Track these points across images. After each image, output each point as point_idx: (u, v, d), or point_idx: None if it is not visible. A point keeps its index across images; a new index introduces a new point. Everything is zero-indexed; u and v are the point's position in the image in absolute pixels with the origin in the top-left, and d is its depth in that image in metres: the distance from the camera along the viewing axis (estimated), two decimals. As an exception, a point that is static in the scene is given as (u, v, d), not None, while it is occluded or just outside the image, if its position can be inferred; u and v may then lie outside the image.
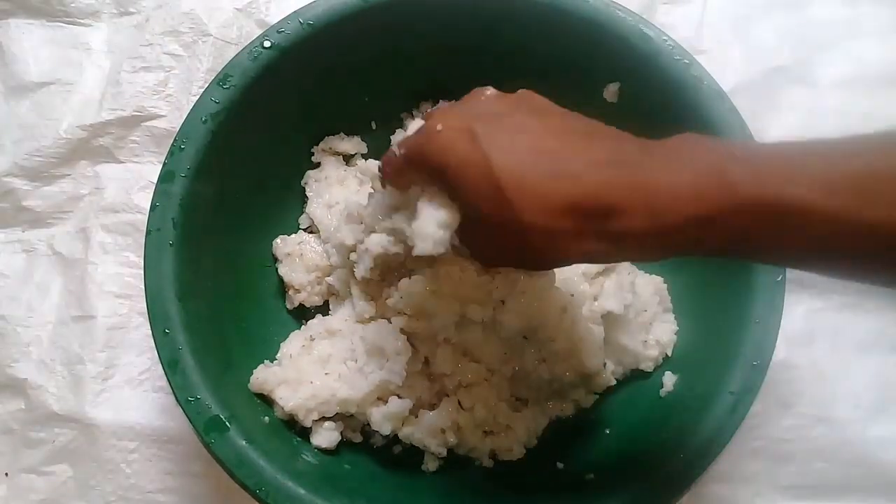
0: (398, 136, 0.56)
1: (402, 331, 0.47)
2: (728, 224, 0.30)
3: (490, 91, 0.37)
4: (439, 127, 0.33)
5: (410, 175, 0.36)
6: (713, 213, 0.30)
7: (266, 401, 0.47)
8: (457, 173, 0.33)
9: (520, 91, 0.37)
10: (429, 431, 0.47)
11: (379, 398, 0.47)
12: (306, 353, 0.49)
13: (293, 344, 0.50)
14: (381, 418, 0.46)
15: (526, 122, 0.34)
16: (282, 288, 0.54)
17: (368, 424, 0.47)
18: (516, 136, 0.33)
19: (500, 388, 0.49)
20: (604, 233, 0.32)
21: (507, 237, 0.33)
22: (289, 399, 0.46)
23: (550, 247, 0.33)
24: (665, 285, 0.52)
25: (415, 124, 0.38)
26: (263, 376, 0.47)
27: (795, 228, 0.30)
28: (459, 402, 0.48)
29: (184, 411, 0.42)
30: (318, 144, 0.56)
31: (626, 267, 0.52)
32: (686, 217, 0.30)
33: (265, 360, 0.49)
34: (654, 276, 0.52)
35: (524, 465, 0.49)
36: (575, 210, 0.31)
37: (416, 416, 0.48)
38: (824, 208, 0.29)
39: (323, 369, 0.48)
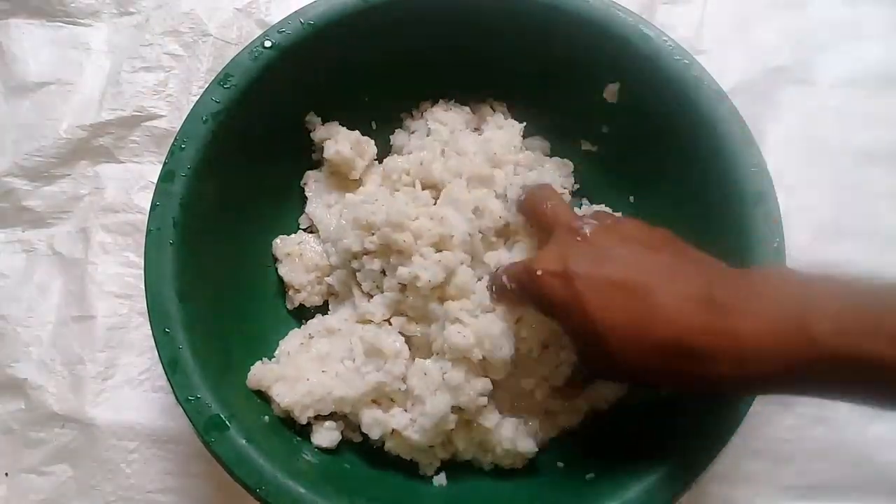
0: (399, 136, 0.56)
1: (401, 333, 0.47)
2: (805, 373, 0.32)
3: (583, 228, 0.41)
4: (539, 271, 0.39)
5: (523, 302, 0.43)
6: (792, 364, 0.32)
7: (265, 399, 0.47)
8: (561, 315, 0.39)
9: (608, 221, 0.42)
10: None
11: (374, 400, 0.47)
12: (304, 350, 0.49)
13: (291, 341, 0.50)
14: (372, 421, 0.46)
15: (616, 255, 0.38)
16: (282, 288, 0.54)
17: (369, 424, 0.47)
18: (607, 275, 0.37)
19: (502, 402, 0.48)
20: (691, 374, 0.35)
21: (610, 366, 0.38)
22: (285, 395, 0.46)
23: (643, 379, 0.40)
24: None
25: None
26: (261, 373, 0.47)
27: (869, 380, 0.31)
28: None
29: (184, 411, 0.42)
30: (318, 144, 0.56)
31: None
32: (766, 370, 0.33)
33: (264, 360, 0.49)
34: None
35: (524, 465, 0.49)
36: (665, 351, 0.35)
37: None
38: None
39: (320, 367, 0.48)
